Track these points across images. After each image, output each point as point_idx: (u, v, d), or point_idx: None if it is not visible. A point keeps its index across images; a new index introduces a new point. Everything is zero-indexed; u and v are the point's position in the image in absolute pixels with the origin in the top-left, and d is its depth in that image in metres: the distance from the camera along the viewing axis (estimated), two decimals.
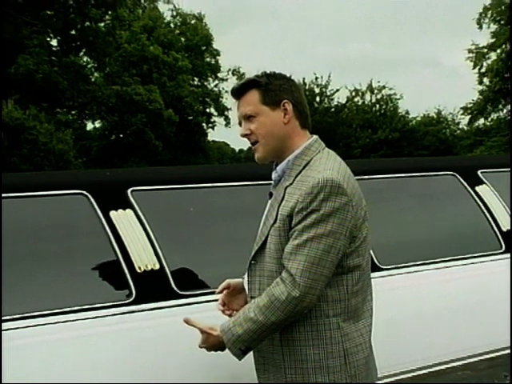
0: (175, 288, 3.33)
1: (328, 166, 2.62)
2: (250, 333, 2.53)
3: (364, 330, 2.68)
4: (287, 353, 2.60)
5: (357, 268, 2.64)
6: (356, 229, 2.60)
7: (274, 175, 2.76)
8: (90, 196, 3.39)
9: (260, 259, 2.67)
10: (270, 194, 2.78)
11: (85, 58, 32.86)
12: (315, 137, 2.75)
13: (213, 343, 2.71)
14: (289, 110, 2.68)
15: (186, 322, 2.81)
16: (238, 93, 2.75)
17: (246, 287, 2.75)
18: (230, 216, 3.82)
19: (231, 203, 3.84)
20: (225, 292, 2.89)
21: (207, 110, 43.41)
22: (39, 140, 28.77)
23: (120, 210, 3.40)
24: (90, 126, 38.88)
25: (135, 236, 3.36)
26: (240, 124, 2.77)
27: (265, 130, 2.68)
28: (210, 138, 44.65)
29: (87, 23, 29.87)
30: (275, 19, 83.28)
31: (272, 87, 2.68)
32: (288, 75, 2.78)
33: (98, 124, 38.76)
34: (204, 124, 43.21)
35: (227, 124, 43.00)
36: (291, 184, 2.63)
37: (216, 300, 2.98)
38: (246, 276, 2.79)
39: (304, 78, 41.21)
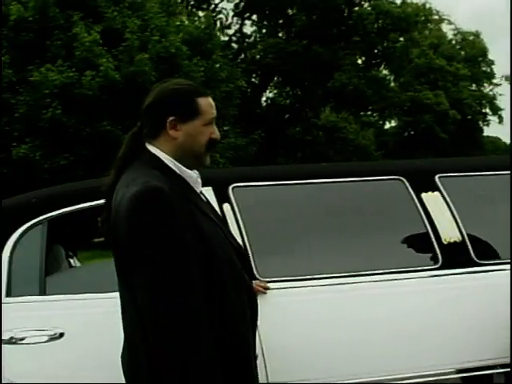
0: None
1: None
2: None
3: None
4: None
5: None
6: None
7: None
8: (405, 180, 3.28)
9: None
10: None
11: (384, 72, 32.75)
12: None
13: None
14: None
15: None
16: None
17: None
18: None
19: None
20: None
21: (483, 110, 41.09)
22: (348, 137, 29.34)
23: (429, 192, 3.26)
24: (387, 125, 38.85)
25: (441, 214, 3.20)
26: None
27: None
28: (484, 133, 42.16)
29: (386, 44, 29.83)
30: None
31: None
32: None
33: (393, 123, 38.56)
34: (480, 122, 40.95)
35: (500, 121, 40.47)
36: None
37: None
38: None
39: None
